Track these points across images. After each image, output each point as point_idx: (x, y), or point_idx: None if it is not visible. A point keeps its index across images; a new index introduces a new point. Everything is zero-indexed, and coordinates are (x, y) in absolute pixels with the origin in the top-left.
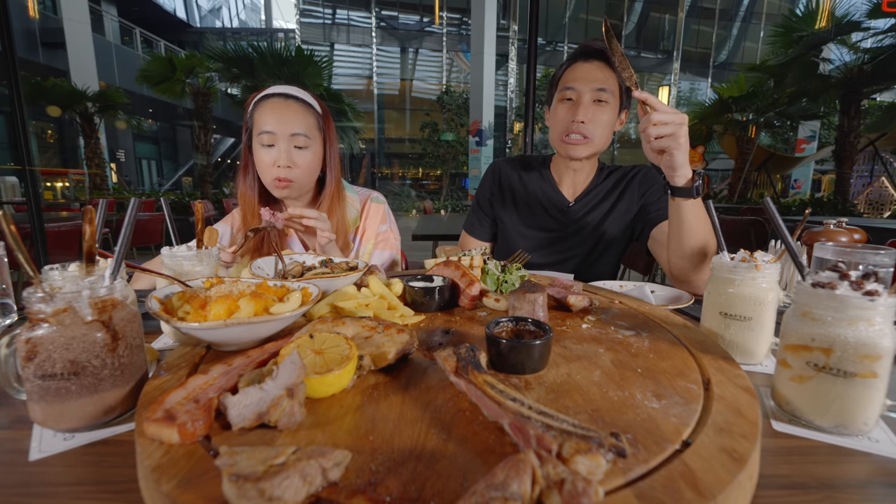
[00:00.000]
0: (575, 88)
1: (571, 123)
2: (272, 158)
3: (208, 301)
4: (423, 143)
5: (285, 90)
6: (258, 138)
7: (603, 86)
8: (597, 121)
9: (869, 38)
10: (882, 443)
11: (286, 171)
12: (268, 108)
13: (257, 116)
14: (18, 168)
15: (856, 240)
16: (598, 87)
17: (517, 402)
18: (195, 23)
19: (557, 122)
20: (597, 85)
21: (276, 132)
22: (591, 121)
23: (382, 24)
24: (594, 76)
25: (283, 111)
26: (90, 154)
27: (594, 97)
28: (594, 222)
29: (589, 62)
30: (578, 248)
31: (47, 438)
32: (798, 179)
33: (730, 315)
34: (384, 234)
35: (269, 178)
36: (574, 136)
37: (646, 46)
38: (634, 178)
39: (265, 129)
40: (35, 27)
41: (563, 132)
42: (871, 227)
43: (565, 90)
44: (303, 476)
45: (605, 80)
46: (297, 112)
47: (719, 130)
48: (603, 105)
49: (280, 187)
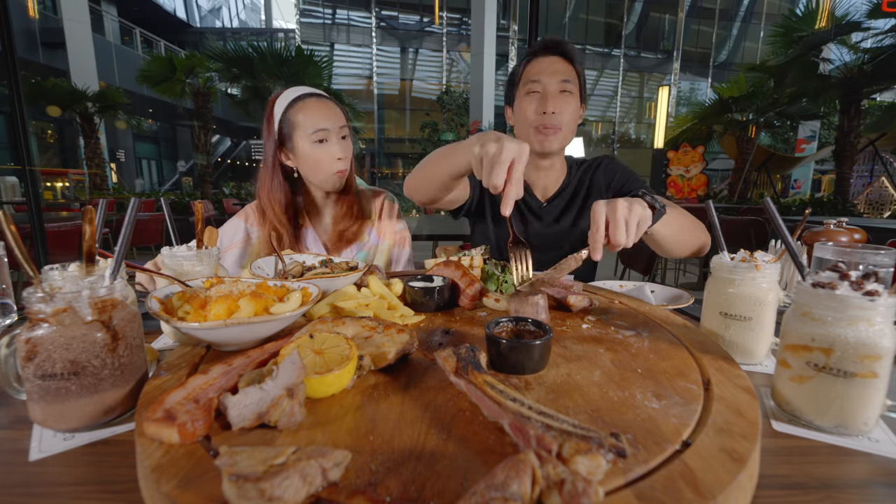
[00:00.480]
0: (541, 81)
1: (543, 116)
2: (331, 153)
3: (208, 301)
4: (423, 143)
5: (313, 90)
6: (310, 137)
7: (567, 77)
8: (565, 112)
9: (869, 38)
10: (882, 443)
11: (345, 163)
12: (313, 108)
13: (300, 117)
14: (18, 168)
15: (856, 240)
16: (563, 79)
17: (517, 403)
18: (195, 23)
19: (526, 116)
20: (561, 76)
21: (329, 128)
22: (560, 111)
23: (382, 24)
24: (557, 68)
25: (327, 108)
26: (90, 154)
27: (560, 88)
28: (569, 221)
29: (548, 56)
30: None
31: (47, 438)
32: (798, 179)
33: (730, 315)
34: (401, 232)
35: (331, 171)
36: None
37: (646, 46)
38: (598, 170)
39: (320, 126)
40: (35, 27)
41: (534, 125)
42: (872, 227)
43: (530, 83)
44: (303, 476)
45: (567, 72)
46: (335, 107)
47: (719, 130)
48: (568, 96)
49: (340, 176)
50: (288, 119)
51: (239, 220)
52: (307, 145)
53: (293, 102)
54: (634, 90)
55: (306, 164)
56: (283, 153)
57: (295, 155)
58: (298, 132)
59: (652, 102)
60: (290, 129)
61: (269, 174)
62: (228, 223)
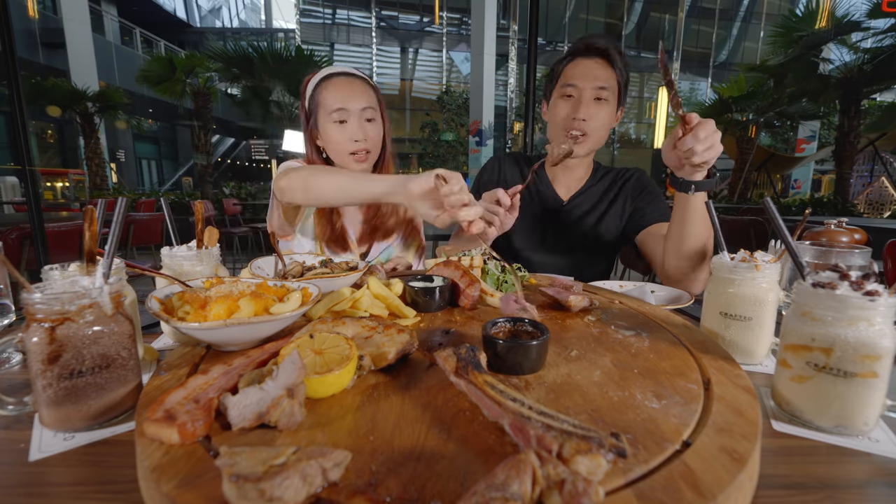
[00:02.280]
0: (576, 86)
1: (573, 121)
2: (347, 134)
3: (208, 301)
4: (423, 143)
5: (345, 69)
6: (330, 116)
7: (604, 84)
8: (597, 119)
9: (869, 38)
10: (882, 443)
11: (363, 144)
12: (336, 87)
13: (324, 97)
14: (18, 168)
15: (856, 240)
16: (600, 86)
17: (517, 403)
18: (195, 23)
19: (558, 118)
20: (598, 83)
21: (348, 108)
22: (591, 118)
23: (382, 24)
24: (595, 74)
25: (351, 88)
26: (90, 154)
27: (595, 95)
28: (589, 223)
29: (590, 59)
30: (572, 248)
31: (47, 438)
32: (798, 179)
33: (730, 315)
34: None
35: (345, 152)
36: (574, 132)
37: (646, 46)
38: (628, 182)
39: (338, 105)
40: (35, 27)
41: (564, 129)
42: (871, 226)
43: (566, 87)
44: (303, 476)
45: (606, 79)
46: (362, 87)
47: (719, 130)
48: (603, 103)
49: (359, 160)
50: (314, 98)
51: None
52: (328, 125)
53: (322, 81)
54: (634, 90)
55: (327, 145)
56: (314, 132)
57: (320, 134)
58: (321, 111)
59: (652, 102)
60: (315, 108)
61: (309, 154)
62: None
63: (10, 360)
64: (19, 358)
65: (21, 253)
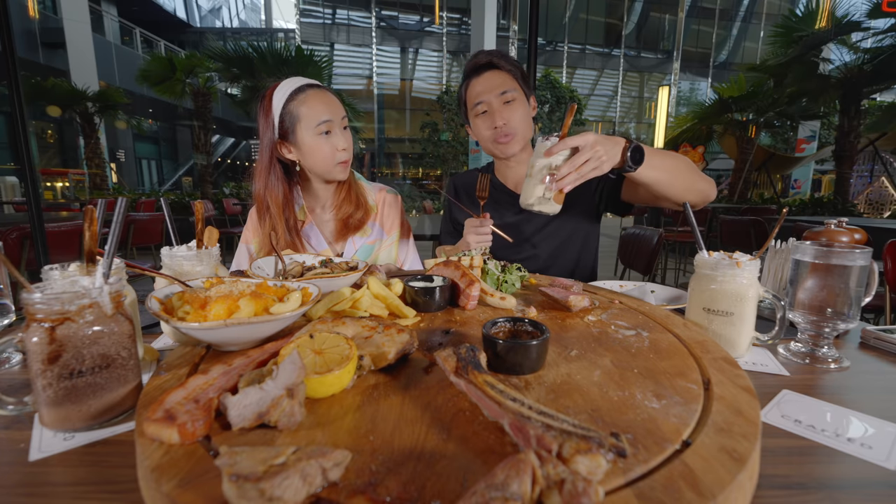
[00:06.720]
0: (483, 101)
1: (495, 130)
2: (335, 143)
3: (208, 301)
4: (423, 143)
5: (311, 81)
6: (315, 129)
7: (504, 88)
8: (514, 117)
9: (869, 38)
10: (875, 450)
11: (348, 153)
12: (317, 99)
13: (304, 110)
14: (18, 168)
15: (856, 239)
16: (501, 91)
17: (517, 402)
18: (195, 23)
19: (483, 134)
20: (499, 90)
21: (333, 119)
22: (509, 119)
23: (382, 24)
24: (492, 84)
25: (329, 99)
26: (90, 154)
27: (502, 100)
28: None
29: (481, 75)
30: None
31: (47, 438)
32: (798, 179)
33: (712, 311)
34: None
35: (333, 163)
36: (501, 139)
37: (646, 46)
38: None
39: (325, 118)
40: (35, 27)
41: (492, 140)
42: (872, 226)
43: (476, 105)
44: (303, 476)
45: (503, 83)
46: (335, 98)
47: (719, 130)
48: (513, 103)
49: (345, 167)
50: (290, 112)
51: (242, 245)
52: (312, 137)
53: (294, 95)
54: (634, 90)
55: (311, 157)
56: (283, 147)
57: (298, 148)
58: (302, 125)
59: (652, 102)
60: (292, 122)
61: (266, 169)
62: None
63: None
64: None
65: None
